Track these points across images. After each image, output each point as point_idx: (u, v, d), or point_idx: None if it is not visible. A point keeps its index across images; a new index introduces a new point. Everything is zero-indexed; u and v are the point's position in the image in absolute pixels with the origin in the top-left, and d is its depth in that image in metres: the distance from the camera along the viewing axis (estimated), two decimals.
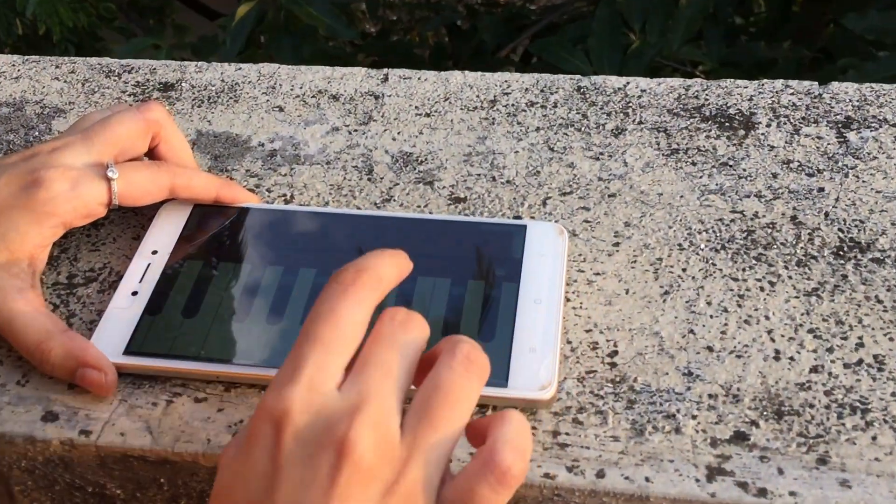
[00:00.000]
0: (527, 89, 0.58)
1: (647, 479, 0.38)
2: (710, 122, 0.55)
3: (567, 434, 0.40)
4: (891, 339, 0.43)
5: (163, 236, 0.48)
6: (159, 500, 0.43)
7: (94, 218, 0.46)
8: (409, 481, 0.32)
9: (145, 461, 0.41)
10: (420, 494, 0.32)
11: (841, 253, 0.47)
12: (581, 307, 0.45)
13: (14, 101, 0.60)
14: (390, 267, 0.37)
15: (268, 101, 0.59)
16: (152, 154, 0.49)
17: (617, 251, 0.48)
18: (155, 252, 0.47)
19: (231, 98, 0.59)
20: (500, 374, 0.41)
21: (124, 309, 0.44)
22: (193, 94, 0.60)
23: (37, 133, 0.58)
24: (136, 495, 0.43)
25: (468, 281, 0.45)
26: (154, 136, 0.48)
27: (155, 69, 0.62)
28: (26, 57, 0.64)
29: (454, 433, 0.33)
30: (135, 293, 0.45)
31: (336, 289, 0.35)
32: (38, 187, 0.44)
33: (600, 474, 0.39)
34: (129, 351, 0.43)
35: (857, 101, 0.56)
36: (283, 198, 0.52)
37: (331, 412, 0.33)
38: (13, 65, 0.63)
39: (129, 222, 0.51)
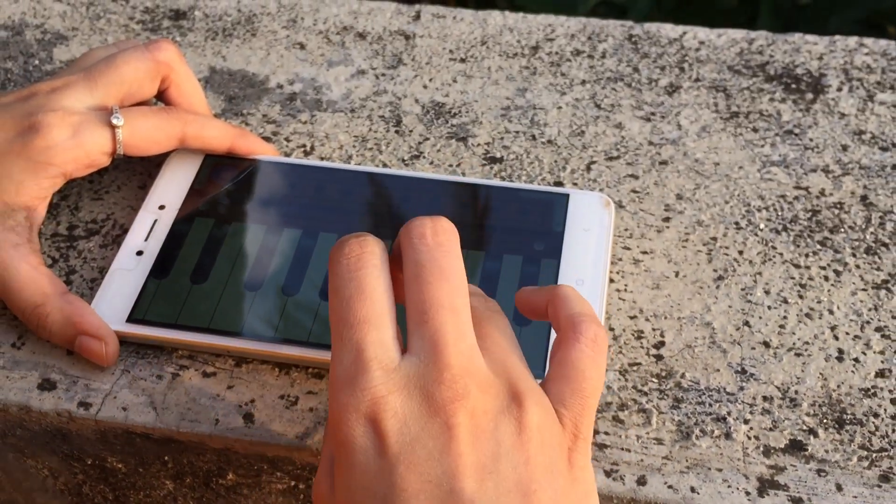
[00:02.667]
0: (573, 35, 0.53)
1: (692, 489, 0.35)
2: (774, 83, 0.50)
3: (606, 434, 0.37)
4: None
5: (171, 190, 0.44)
6: (163, 477, 0.40)
7: (97, 168, 0.42)
8: (529, 419, 0.30)
9: (148, 438, 0.38)
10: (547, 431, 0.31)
11: None
12: (626, 290, 0.41)
13: (13, 24, 0.55)
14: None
15: (288, 36, 0.54)
16: (161, 98, 0.44)
17: (667, 227, 0.43)
18: (162, 207, 0.43)
19: (248, 31, 0.54)
20: (536, 364, 0.37)
21: (128, 270, 0.41)
22: (207, 24, 0.55)
23: (37, 62, 0.53)
24: (138, 470, 0.40)
25: (503, 255, 0.41)
26: (164, 78, 0.43)
27: None
28: None
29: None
30: (140, 253, 0.41)
31: (349, 264, 0.32)
32: (35, 133, 0.40)
33: (641, 481, 0.35)
34: (132, 318, 0.39)
35: None
36: (302, 149, 0.47)
37: (417, 379, 0.30)
38: None
39: (134, 169, 0.47)
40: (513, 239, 0.42)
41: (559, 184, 0.45)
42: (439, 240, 0.32)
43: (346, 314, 0.31)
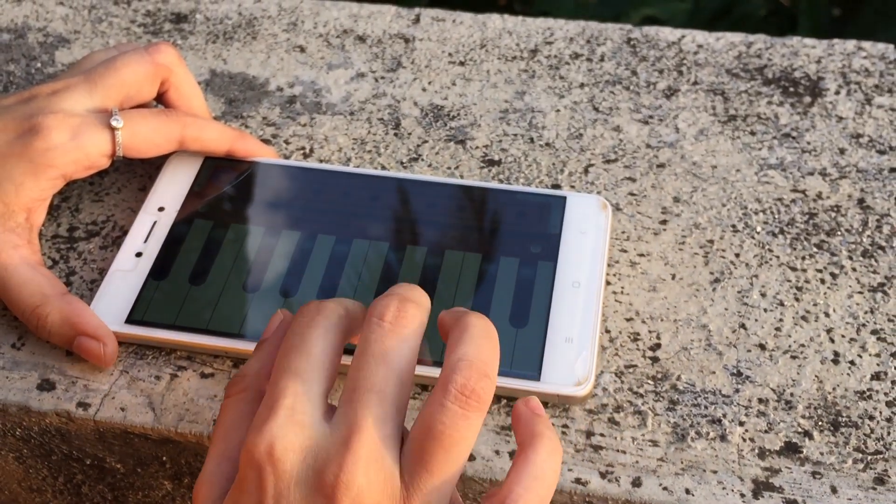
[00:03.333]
0: (571, 39, 0.53)
1: (687, 491, 0.35)
2: (772, 86, 0.50)
3: (602, 435, 0.37)
4: None
5: (170, 192, 0.44)
6: (161, 477, 0.40)
7: (97, 170, 0.42)
8: None
9: (146, 439, 0.38)
10: None
11: None
12: (622, 292, 0.41)
13: (16, 27, 0.56)
14: (355, 305, 0.34)
15: (288, 39, 0.54)
16: (161, 100, 0.45)
17: (664, 230, 0.44)
18: (161, 209, 0.43)
19: (248, 34, 0.55)
20: (531, 366, 0.37)
21: (127, 272, 0.41)
22: (208, 27, 0.55)
23: (39, 64, 0.53)
24: (136, 470, 0.40)
25: (500, 258, 0.41)
26: (163, 81, 0.43)
27: None
28: None
29: (453, 475, 0.30)
30: (139, 254, 0.42)
31: (302, 321, 0.33)
32: (35, 135, 0.40)
33: (636, 482, 0.35)
34: (131, 319, 0.40)
35: None
36: (301, 151, 0.48)
37: (319, 449, 0.29)
38: None
39: (134, 171, 0.47)
40: (510, 241, 0.42)
41: (557, 186, 0.45)
42: (398, 323, 0.31)
43: (281, 362, 0.31)
